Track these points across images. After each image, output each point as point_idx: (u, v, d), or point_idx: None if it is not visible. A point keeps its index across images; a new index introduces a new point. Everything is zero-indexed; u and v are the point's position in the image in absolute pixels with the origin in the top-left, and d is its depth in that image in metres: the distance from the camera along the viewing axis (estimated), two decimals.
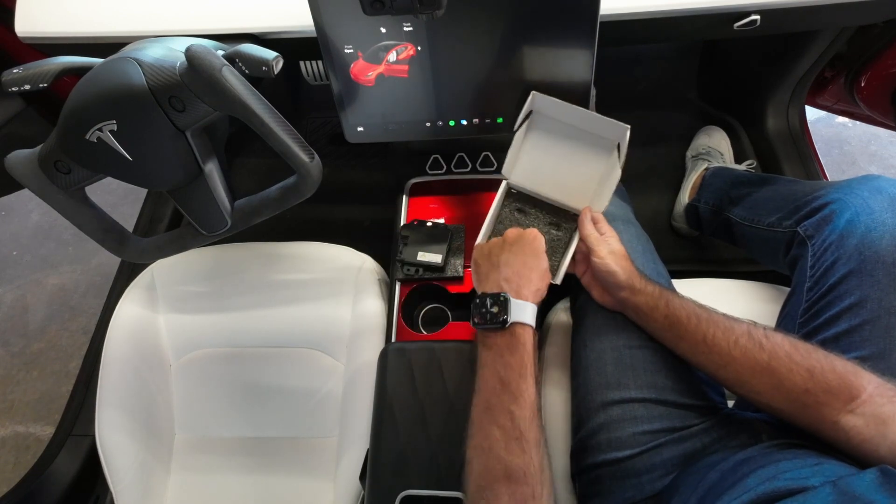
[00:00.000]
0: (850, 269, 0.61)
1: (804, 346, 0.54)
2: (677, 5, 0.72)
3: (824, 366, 0.52)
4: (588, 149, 0.73)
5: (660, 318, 0.61)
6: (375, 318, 0.83)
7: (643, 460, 0.61)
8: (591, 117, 0.70)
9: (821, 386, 0.51)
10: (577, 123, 0.72)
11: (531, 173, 0.76)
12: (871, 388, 0.50)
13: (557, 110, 0.72)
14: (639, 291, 0.63)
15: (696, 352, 0.59)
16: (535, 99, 0.71)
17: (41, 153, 0.61)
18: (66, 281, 1.54)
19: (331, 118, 1.46)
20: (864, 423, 0.49)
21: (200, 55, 0.54)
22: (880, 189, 0.65)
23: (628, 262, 0.65)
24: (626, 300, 0.64)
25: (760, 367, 0.54)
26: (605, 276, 0.65)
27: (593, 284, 0.69)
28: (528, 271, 0.63)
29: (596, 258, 0.66)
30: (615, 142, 0.70)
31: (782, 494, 0.43)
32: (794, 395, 0.53)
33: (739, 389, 0.57)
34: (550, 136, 0.74)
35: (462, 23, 0.68)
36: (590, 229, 0.69)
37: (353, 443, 0.77)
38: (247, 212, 0.69)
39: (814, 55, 1.06)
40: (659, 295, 0.62)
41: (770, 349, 0.55)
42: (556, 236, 0.75)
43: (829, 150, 1.60)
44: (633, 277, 0.64)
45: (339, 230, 1.32)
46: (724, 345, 0.57)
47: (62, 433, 1.00)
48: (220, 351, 0.89)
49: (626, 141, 0.68)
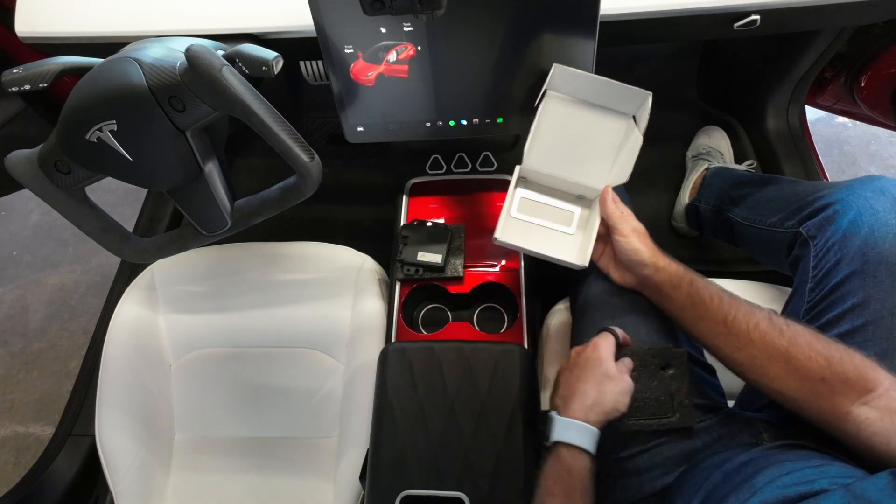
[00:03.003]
0: (853, 270, 0.61)
1: (825, 338, 0.54)
2: (677, 5, 0.72)
3: (843, 357, 0.52)
4: (604, 123, 0.73)
5: (682, 297, 0.61)
6: (375, 318, 0.83)
7: (643, 460, 0.61)
8: (611, 86, 0.70)
9: (838, 376, 0.51)
10: (594, 97, 0.72)
11: (547, 155, 0.74)
12: (888, 384, 0.50)
13: (576, 83, 0.71)
14: (662, 269, 0.63)
15: (714, 332, 0.59)
16: (556, 72, 0.71)
17: (41, 153, 0.61)
18: (66, 281, 1.54)
19: (331, 118, 1.46)
20: (878, 415, 0.49)
21: (200, 55, 0.54)
22: (883, 190, 0.65)
23: (650, 241, 0.66)
24: (650, 278, 0.64)
25: (778, 352, 0.54)
26: (629, 255, 0.65)
27: (612, 265, 0.69)
28: (583, 384, 0.57)
29: (619, 236, 0.66)
30: (632, 113, 0.70)
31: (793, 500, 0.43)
32: (810, 382, 0.52)
33: (753, 374, 0.57)
34: (564, 117, 0.74)
35: (462, 23, 0.68)
36: (612, 208, 0.68)
37: (353, 443, 0.77)
38: (247, 212, 0.69)
39: (814, 55, 1.06)
40: (683, 274, 0.62)
41: (790, 336, 0.55)
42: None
43: (829, 150, 1.60)
44: (656, 255, 0.64)
45: (339, 230, 1.32)
46: (743, 327, 0.57)
47: (62, 433, 1.00)
48: (220, 351, 0.89)
49: (649, 108, 0.68)
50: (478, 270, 0.84)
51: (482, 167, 0.93)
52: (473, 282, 0.83)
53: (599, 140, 0.73)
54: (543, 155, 0.74)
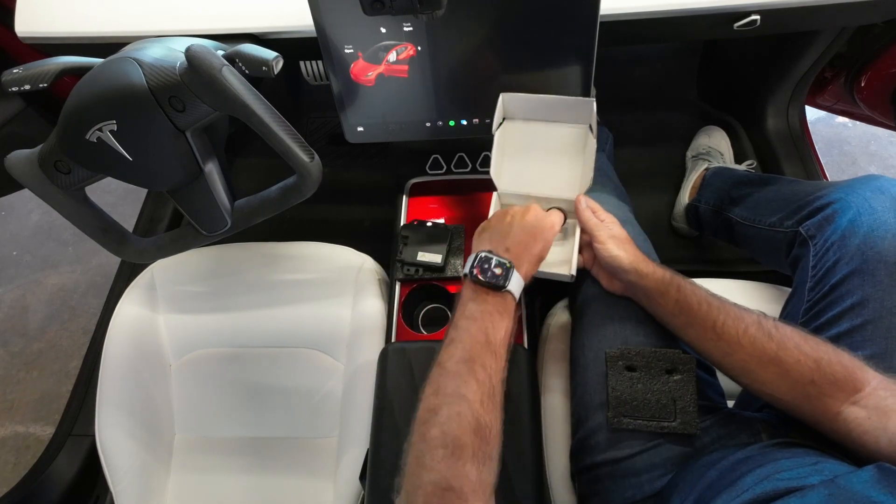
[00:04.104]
0: (852, 270, 0.61)
1: (813, 339, 0.54)
2: (677, 5, 0.72)
3: (832, 358, 0.52)
4: (564, 136, 0.74)
5: (670, 304, 0.61)
6: (375, 318, 0.83)
7: (643, 460, 0.61)
8: (557, 102, 0.71)
9: (827, 377, 0.51)
10: (546, 115, 0.73)
11: (517, 176, 0.76)
12: (876, 383, 0.50)
13: (526, 105, 0.72)
14: (646, 275, 0.62)
15: (704, 338, 0.59)
16: (504, 100, 0.72)
17: (41, 153, 0.61)
18: (66, 281, 1.54)
19: (331, 118, 1.46)
20: (867, 414, 0.49)
21: (200, 55, 0.54)
22: (882, 189, 0.65)
23: (632, 246, 0.65)
24: (634, 284, 0.63)
25: (768, 356, 0.54)
26: (608, 262, 0.65)
27: (601, 272, 0.69)
28: (532, 252, 0.63)
29: (597, 244, 0.66)
30: (587, 119, 0.71)
31: (780, 493, 0.43)
32: (800, 385, 0.53)
33: (744, 378, 0.57)
34: (525, 136, 0.75)
35: (462, 23, 0.68)
36: (587, 215, 0.68)
37: (353, 443, 0.77)
38: (247, 212, 0.69)
39: (814, 55, 1.06)
40: (670, 280, 0.62)
41: (779, 340, 0.55)
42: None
43: (829, 150, 1.60)
44: (637, 261, 0.63)
45: (339, 230, 1.32)
46: (733, 333, 0.56)
47: (62, 433, 1.00)
48: (220, 351, 0.89)
49: (595, 112, 0.69)
50: None
51: (482, 167, 0.93)
52: None
53: (561, 153, 0.74)
54: (513, 177, 0.76)
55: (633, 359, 0.63)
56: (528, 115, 0.74)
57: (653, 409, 0.61)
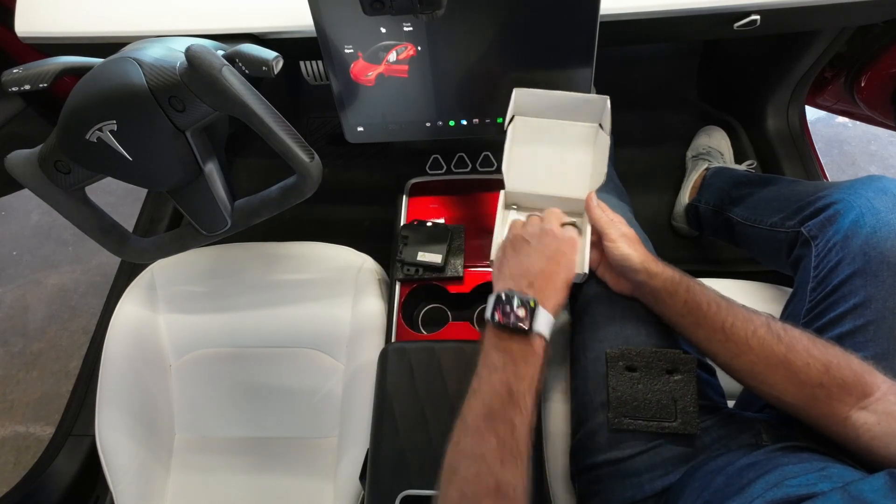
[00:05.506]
0: (855, 270, 0.61)
1: (822, 342, 0.54)
2: (677, 5, 0.72)
3: (841, 361, 0.52)
4: (573, 135, 0.73)
5: (678, 304, 0.60)
6: (375, 318, 0.83)
7: (643, 460, 0.60)
8: (571, 99, 0.71)
9: (836, 381, 0.51)
10: (557, 113, 0.72)
11: (526, 174, 0.75)
12: (886, 387, 0.50)
13: (538, 102, 0.72)
14: (656, 275, 0.61)
15: (712, 339, 0.58)
16: (517, 95, 0.71)
17: (41, 153, 0.61)
18: (66, 281, 1.54)
19: (331, 118, 1.46)
20: (876, 419, 0.49)
21: (200, 55, 0.54)
22: (885, 189, 0.65)
23: (641, 246, 0.64)
24: (644, 284, 0.62)
25: (777, 358, 0.54)
26: (619, 261, 0.64)
27: (607, 272, 0.68)
28: (558, 283, 0.60)
29: (608, 242, 0.64)
30: (598, 118, 0.70)
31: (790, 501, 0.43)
32: (808, 388, 0.52)
33: (752, 380, 0.57)
34: (535, 133, 0.74)
35: (462, 23, 0.68)
36: (598, 213, 0.67)
37: (353, 443, 0.77)
38: (247, 212, 0.69)
39: (814, 55, 1.06)
40: (679, 280, 0.61)
41: (788, 342, 0.54)
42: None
43: (829, 150, 1.60)
44: (647, 261, 0.62)
45: (339, 230, 1.32)
46: (742, 334, 0.56)
47: (62, 433, 1.00)
48: (220, 351, 0.89)
49: (609, 109, 0.68)
50: (478, 270, 0.84)
51: (482, 167, 0.93)
52: (473, 282, 0.83)
53: (572, 151, 0.74)
54: (523, 176, 0.75)
55: (633, 359, 0.63)
56: (540, 111, 0.73)
57: (653, 410, 0.61)
